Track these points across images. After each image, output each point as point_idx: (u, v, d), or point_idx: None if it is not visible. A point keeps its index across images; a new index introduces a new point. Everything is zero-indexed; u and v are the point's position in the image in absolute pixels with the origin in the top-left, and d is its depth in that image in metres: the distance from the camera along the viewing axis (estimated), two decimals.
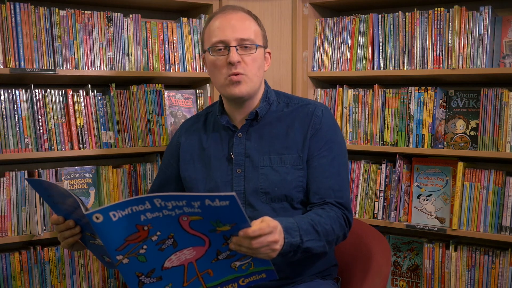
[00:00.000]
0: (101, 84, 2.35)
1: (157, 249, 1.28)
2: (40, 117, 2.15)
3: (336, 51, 2.55)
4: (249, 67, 1.61)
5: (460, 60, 2.23)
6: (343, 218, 1.61)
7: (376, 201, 2.45)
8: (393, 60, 2.40)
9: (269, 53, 1.74)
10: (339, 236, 1.60)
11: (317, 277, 1.69)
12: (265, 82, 1.75)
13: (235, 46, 1.60)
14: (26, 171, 2.16)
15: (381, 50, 2.42)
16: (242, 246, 1.28)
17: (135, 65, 2.35)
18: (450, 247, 2.30)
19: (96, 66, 2.26)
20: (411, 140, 2.35)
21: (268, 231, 1.30)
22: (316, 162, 1.64)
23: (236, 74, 1.59)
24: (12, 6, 2.07)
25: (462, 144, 2.30)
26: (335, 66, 2.55)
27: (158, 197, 1.21)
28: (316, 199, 1.63)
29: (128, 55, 2.33)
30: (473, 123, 2.29)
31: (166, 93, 2.45)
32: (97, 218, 1.22)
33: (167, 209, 1.23)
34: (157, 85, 2.40)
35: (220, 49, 1.62)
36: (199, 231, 1.27)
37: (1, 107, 2.08)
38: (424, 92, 2.33)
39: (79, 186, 2.28)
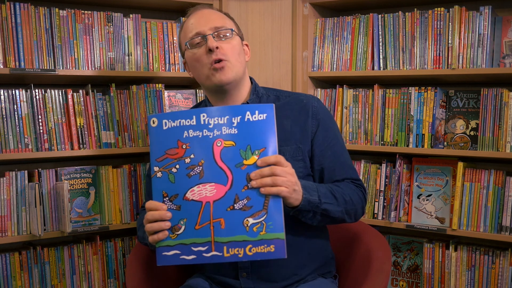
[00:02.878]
0: (101, 84, 2.36)
1: (186, 174, 1.42)
2: (40, 117, 2.15)
3: (336, 51, 2.54)
4: (229, 52, 1.63)
5: (460, 60, 2.23)
6: (361, 193, 1.67)
7: (376, 201, 2.45)
8: (393, 60, 2.40)
9: (246, 45, 1.76)
10: (357, 209, 1.65)
11: (318, 275, 1.69)
12: (252, 78, 1.77)
13: (211, 34, 1.62)
14: (26, 171, 2.16)
15: (381, 50, 2.42)
16: (264, 174, 1.38)
17: (135, 65, 2.35)
18: (450, 247, 2.30)
19: (96, 66, 2.26)
20: (411, 140, 2.35)
21: (287, 164, 1.41)
22: (329, 151, 1.68)
23: (219, 61, 1.61)
24: (12, 6, 2.08)
25: (462, 144, 2.30)
26: (335, 66, 2.55)
27: (205, 111, 1.41)
28: (337, 180, 1.68)
29: (128, 55, 2.33)
30: (473, 123, 2.29)
31: (166, 93, 2.45)
32: (153, 122, 1.43)
33: (207, 129, 1.41)
34: (157, 85, 2.40)
35: (198, 42, 1.64)
36: (226, 163, 1.40)
37: (1, 107, 2.08)
38: (424, 92, 2.33)
39: (79, 186, 2.28)
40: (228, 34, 1.64)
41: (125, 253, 2.38)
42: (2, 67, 2.07)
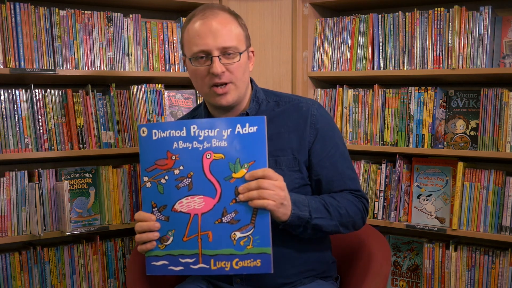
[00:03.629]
0: (101, 84, 2.36)
1: (175, 185, 1.42)
2: (40, 117, 2.15)
3: (336, 51, 2.54)
4: (234, 74, 1.54)
5: (460, 60, 2.23)
6: (361, 203, 1.63)
7: (376, 201, 2.45)
8: (393, 60, 2.40)
9: (252, 51, 1.66)
10: (355, 221, 1.61)
11: (317, 278, 1.68)
12: (253, 81, 1.70)
13: (218, 56, 1.52)
14: (26, 171, 2.16)
15: (381, 50, 2.42)
16: (251, 188, 1.37)
17: (135, 65, 2.35)
18: (450, 247, 2.30)
19: (96, 66, 2.26)
20: (411, 140, 2.35)
21: (276, 177, 1.40)
22: (327, 162, 1.63)
23: (221, 85, 1.54)
24: (12, 6, 2.07)
25: (462, 144, 2.30)
26: (335, 66, 2.55)
27: (195, 123, 1.41)
28: (335, 191, 1.64)
29: (128, 55, 2.33)
30: (473, 123, 2.29)
31: (166, 93, 2.45)
32: (143, 132, 1.44)
33: (197, 141, 1.41)
34: (157, 85, 2.40)
35: (202, 58, 1.54)
36: (215, 176, 1.40)
37: (1, 107, 2.08)
38: (424, 92, 2.33)
39: (79, 186, 2.28)
40: (236, 55, 1.54)
41: (125, 253, 2.38)
42: (2, 67, 2.07)
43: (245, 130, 1.39)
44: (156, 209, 1.44)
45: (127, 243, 2.39)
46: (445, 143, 2.34)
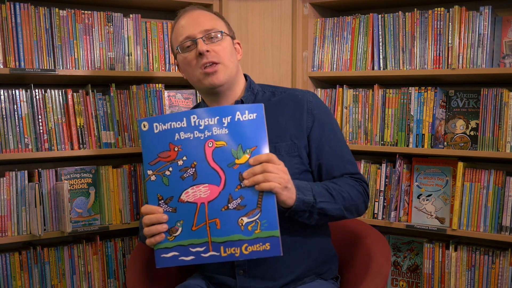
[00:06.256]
0: (101, 84, 2.36)
1: (179, 176, 1.43)
2: (40, 117, 2.15)
3: (336, 51, 2.54)
4: (221, 54, 1.63)
5: (460, 60, 2.23)
6: (362, 187, 1.66)
7: (376, 201, 2.45)
8: (393, 60, 2.40)
9: (238, 43, 1.76)
10: (358, 204, 1.64)
11: (318, 276, 1.68)
12: (248, 76, 1.77)
13: (201, 38, 1.62)
14: (26, 171, 2.16)
15: (381, 50, 2.42)
16: (256, 172, 1.40)
17: (135, 65, 2.35)
18: (450, 247, 2.30)
19: (96, 66, 2.26)
20: (411, 140, 2.35)
21: (279, 162, 1.43)
22: (327, 146, 1.67)
23: (210, 65, 1.62)
24: (12, 6, 2.08)
25: (462, 144, 2.30)
26: (335, 66, 2.55)
27: (195, 113, 1.43)
28: (335, 176, 1.67)
29: (128, 55, 2.33)
30: (473, 123, 2.29)
31: (166, 93, 2.45)
32: (144, 126, 1.45)
33: (198, 130, 1.42)
34: (157, 85, 2.40)
35: (189, 46, 1.65)
36: (219, 164, 1.41)
37: (1, 107, 2.08)
38: (424, 92, 2.33)
39: (79, 186, 2.28)
40: (219, 36, 1.65)
41: (125, 253, 2.38)
42: (2, 67, 2.07)
43: (245, 117, 1.41)
44: (162, 201, 1.45)
45: (127, 243, 2.39)
46: (445, 143, 2.34)
